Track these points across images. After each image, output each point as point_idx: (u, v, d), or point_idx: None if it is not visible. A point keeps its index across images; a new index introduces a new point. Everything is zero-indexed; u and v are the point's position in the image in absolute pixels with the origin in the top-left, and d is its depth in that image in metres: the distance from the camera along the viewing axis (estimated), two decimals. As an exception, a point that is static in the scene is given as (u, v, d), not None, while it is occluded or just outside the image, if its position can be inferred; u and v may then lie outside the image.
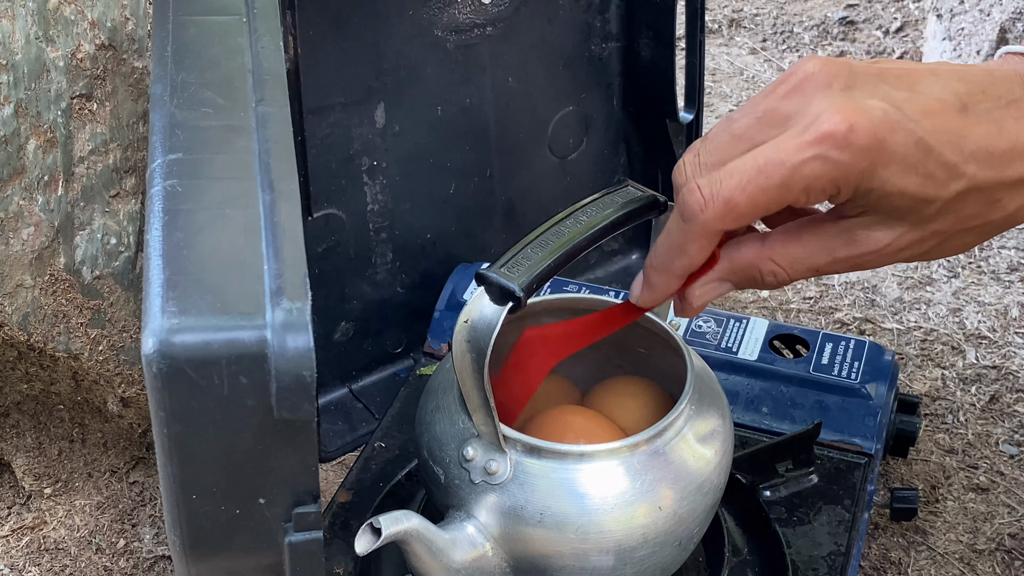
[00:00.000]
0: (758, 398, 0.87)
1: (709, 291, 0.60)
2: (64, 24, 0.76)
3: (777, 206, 0.54)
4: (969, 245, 0.57)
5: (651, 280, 0.61)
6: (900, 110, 0.52)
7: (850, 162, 0.51)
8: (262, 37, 0.62)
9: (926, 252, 0.56)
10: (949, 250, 0.57)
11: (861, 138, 0.51)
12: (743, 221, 0.55)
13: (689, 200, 0.55)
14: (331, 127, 0.89)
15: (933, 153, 0.52)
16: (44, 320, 0.80)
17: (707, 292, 0.60)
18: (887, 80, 0.54)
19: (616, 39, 1.04)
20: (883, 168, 0.52)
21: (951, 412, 1.03)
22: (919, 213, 0.54)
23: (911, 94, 0.53)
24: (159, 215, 0.49)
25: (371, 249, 0.95)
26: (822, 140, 0.51)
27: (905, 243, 0.55)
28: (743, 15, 1.80)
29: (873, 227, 0.55)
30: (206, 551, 0.49)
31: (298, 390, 0.44)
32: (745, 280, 0.59)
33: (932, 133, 0.53)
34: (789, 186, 0.53)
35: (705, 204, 0.54)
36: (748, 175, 0.53)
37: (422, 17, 0.91)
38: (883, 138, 0.51)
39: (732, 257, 0.59)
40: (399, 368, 1.01)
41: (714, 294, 0.60)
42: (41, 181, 0.77)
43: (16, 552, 0.92)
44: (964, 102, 0.54)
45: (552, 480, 0.62)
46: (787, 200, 0.53)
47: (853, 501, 0.80)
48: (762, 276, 0.58)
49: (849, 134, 0.51)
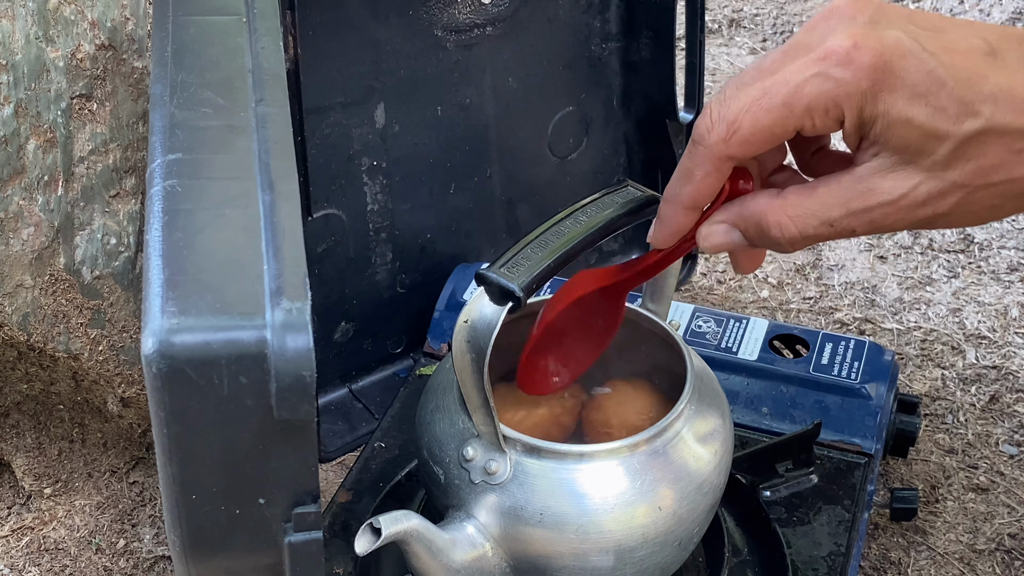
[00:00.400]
0: (758, 398, 0.87)
1: (717, 233, 0.58)
2: (64, 24, 0.76)
3: (782, 129, 0.53)
4: (997, 211, 0.52)
5: (661, 212, 0.59)
6: (917, 41, 0.50)
7: (851, 80, 0.50)
8: (262, 37, 0.62)
9: (948, 213, 0.52)
10: (975, 215, 0.52)
11: (864, 56, 0.50)
12: (749, 146, 0.54)
13: (699, 123, 0.54)
14: (331, 127, 0.89)
15: (946, 86, 0.50)
16: (44, 320, 0.80)
17: (715, 234, 0.58)
18: (915, 21, 0.52)
19: (616, 39, 1.04)
20: (888, 92, 0.50)
21: (951, 412, 1.03)
22: (932, 154, 0.51)
23: (937, 33, 0.52)
24: (159, 215, 0.49)
25: (371, 249, 0.95)
26: (825, 57, 0.50)
27: (923, 195, 0.52)
28: (743, 15, 1.80)
29: (888, 173, 0.52)
30: (206, 551, 0.49)
31: (298, 390, 0.44)
32: (753, 229, 0.56)
33: (948, 67, 0.50)
34: (791, 105, 0.51)
35: (712, 126, 0.54)
36: (753, 96, 0.52)
37: (422, 17, 0.91)
38: (889, 60, 0.50)
39: (744, 203, 0.57)
40: (399, 368, 1.01)
41: (722, 239, 0.58)
42: (41, 181, 0.77)
43: (16, 552, 0.92)
44: (994, 47, 0.51)
45: (552, 480, 0.62)
46: (791, 123, 0.52)
47: (853, 501, 0.80)
48: (769, 227, 0.55)
49: (852, 51, 0.50)
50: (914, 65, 0.50)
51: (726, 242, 0.58)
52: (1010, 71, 0.51)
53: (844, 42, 0.50)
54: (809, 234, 0.54)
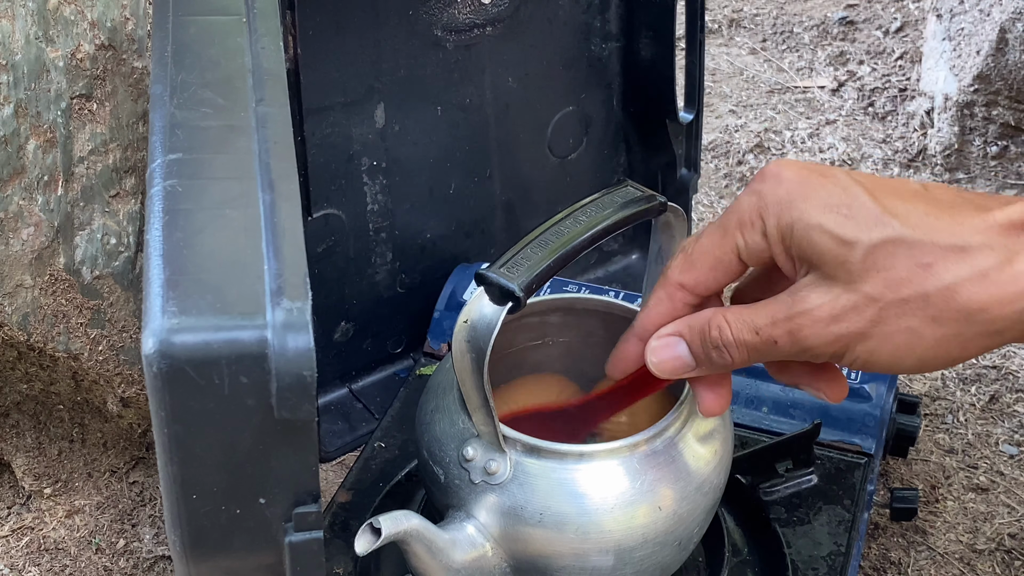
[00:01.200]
0: (758, 398, 0.87)
1: (664, 346, 0.58)
2: (64, 24, 0.76)
3: (721, 250, 0.56)
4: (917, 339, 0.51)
5: (617, 346, 0.62)
6: (849, 175, 0.53)
7: (772, 192, 0.53)
8: (262, 37, 0.62)
9: (865, 333, 0.51)
10: (892, 339, 0.51)
11: (789, 172, 0.53)
12: (695, 270, 0.57)
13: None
14: (331, 127, 0.89)
15: (860, 199, 0.51)
16: (44, 320, 0.80)
17: (662, 347, 0.58)
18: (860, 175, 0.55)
19: (616, 39, 1.04)
20: (802, 200, 0.52)
21: (951, 412, 1.03)
22: (847, 264, 0.51)
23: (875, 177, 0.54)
24: (159, 215, 0.49)
25: (371, 249, 0.95)
26: (758, 179, 0.54)
27: (839, 308, 0.51)
28: (743, 15, 1.80)
29: (813, 288, 0.52)
30: (206, 551, 0.49)
31: (298, 390, 0.44)
32: (697, 336, 0.57)
33: (870, 188, 0.52)
34: (726, 224, 0.55)
35: (672, 260, 0.58)
36: (706, 227, 0.57)
37: (422, 17, 0.91)
38: (810, 176, 0.53)
39: (692, 315, 0.58)
40: (399, 368, 1.01)
41: (669, 353, 0.58)
42: (41, 181, 0.77)
43: (16, 552, 0.92)
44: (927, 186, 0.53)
45: (552, 480, 0.62)
46: (728, 242, 0.55)
47: (853, 501, 0.80)
48: (709, 330, 0.56)
49: (780, 170, 0.53)
50: (834, 182, 0.53)
51: (671, 357, 0.58)
52: (935, 199, 0.52)
53: (776, 166, 0.54)
54: (743, 339, 0.55)
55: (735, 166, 1.44)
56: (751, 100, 1.58)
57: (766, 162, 1.43)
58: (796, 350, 0.53)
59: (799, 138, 1.48)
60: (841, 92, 1.58)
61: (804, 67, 1.65)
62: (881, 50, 1.66)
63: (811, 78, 1.63)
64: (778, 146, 1.47)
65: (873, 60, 1.64)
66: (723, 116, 1.54)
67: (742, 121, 1.52)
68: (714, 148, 1.47)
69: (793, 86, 1.61)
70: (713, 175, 1.42)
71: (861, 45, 1.69)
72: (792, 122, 1.52)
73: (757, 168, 1.42)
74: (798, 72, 1.64)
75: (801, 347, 0.53)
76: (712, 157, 1.45)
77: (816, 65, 1.65)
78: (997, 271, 0.49)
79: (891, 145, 1.46)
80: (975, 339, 0.50)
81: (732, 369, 0.57)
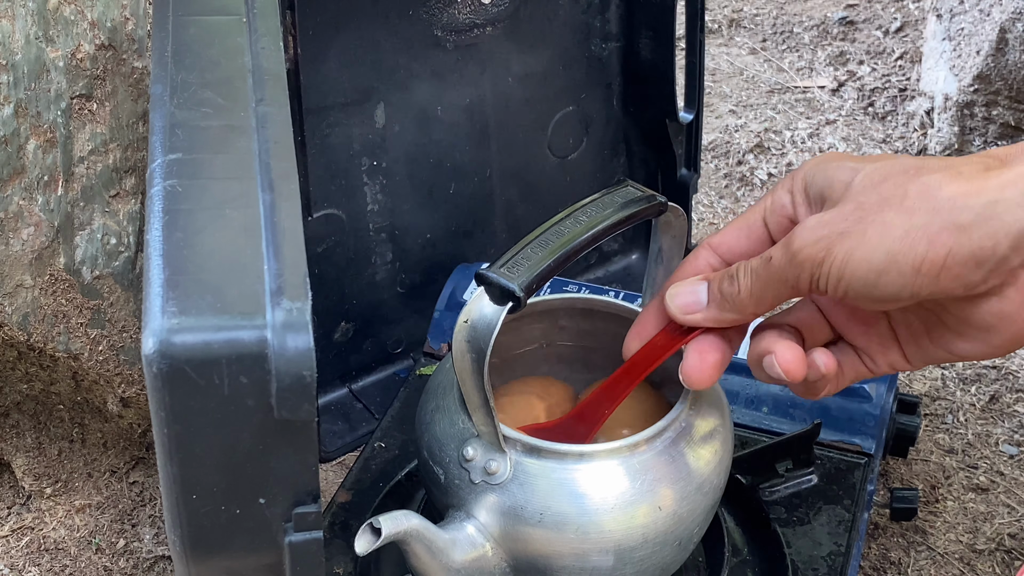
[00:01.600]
0: (758, 398, 0.87)
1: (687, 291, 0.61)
2: (64, 24, 0.76)
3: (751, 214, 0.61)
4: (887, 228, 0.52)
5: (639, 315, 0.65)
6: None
7: (802, 164, 0.59)
8: (262, 37, 0.62)
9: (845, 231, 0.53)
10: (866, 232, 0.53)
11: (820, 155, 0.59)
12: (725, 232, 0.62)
13: None
14: (331, 127, 0.89)
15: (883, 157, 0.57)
16: (44, 320, 0.80)
17: (684, 291, 0.61)
18: None
19: (616, 39, 1.04)
20: (829, 158, 0.58)
21: (951, 412, 1.03)
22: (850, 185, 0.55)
23: None
24: (159, 215, 0.49)
25: (371, 249, 0.95)
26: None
27: (829, 216, 0.55)
28: (743, 15, 1.80)
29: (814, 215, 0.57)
30: (206, 551, 0.49)
31: (298, 390, 0.44)
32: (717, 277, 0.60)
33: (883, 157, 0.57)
34: (762, 197, 0.61)
35: None
36: None
37: (422, 17, 0.91)
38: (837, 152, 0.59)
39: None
40: (399, 368, 1.01)
41: (688, 294, 0.61)
42: (41, 181, 0.77)
43: (16, 552, 0.92)
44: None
45: (552, 480, 0.62)
46: (760, 205, 0.60)
47: (853, 501, 0.80)
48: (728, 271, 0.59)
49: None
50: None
51: (689, 294, 0.61)
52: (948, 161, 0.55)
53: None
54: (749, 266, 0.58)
55: (735, 166, 1.43)
56: (751, 100, 1.58)
57: (766, 162, 1.43)
58: (786, 261, 0.55)
59: (799, 138, 1.48)
60: (841, 92, 1.58)
61: (804, 67, 1.65)
62: (881, 50, 1.66)
63: (811, 78, 1.63)
64: (778, 146, 1.47)
65: (873, 60, 1.64)
66: (723, 116, 1.54)
67: (742, 121, 1.52)
68: (714, 148, 1.47)
69: (793, 86, 1.61)
70: (713, 175, 1.42)
71: (861, 45, 1.69)
72: (792, 122, 1.52)
73: (757, 168, 1.43)
74: (798, 72, 1.64)
75: (790, 255, 0.55)
76: (712, 157, 1.45)
77: (816, 65, 1.65)
78: (971, 172, 0.52)
79: (891, 145, 1.46)
80: (941, 234, 0.51)
81: (742, 308, 0.59)
